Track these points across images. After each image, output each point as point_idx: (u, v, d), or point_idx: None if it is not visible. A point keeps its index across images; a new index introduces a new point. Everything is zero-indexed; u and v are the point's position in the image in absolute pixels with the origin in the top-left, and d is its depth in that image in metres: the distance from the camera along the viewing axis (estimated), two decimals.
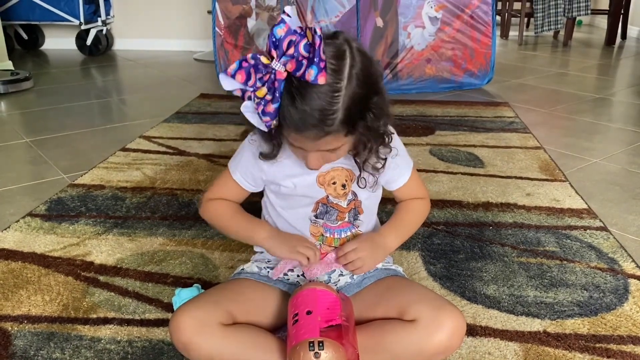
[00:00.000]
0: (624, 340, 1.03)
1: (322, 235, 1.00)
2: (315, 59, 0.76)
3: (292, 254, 0.95)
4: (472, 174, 1.79)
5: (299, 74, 0.77)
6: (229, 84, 0.80)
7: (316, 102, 0.78)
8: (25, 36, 4.08)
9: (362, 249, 0.96)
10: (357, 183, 0.97)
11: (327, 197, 0.98)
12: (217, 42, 2.89)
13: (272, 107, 0.79)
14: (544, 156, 1.95)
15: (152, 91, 2.99)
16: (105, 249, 1.34)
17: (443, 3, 2.81)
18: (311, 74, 0.76)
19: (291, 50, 0.77)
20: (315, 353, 0.79)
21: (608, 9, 4.50)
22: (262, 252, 1.08)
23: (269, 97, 0.79)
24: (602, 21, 5.08)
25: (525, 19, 4.75)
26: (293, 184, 0.97)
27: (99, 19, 3.91)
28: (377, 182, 0.99)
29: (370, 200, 1.03)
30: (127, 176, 1.76)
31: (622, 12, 4.52)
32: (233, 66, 0.78)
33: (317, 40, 0.76)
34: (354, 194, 0.99)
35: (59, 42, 4.16)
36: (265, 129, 0.83)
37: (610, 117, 2.54)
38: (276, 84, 0.78)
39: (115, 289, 1.18)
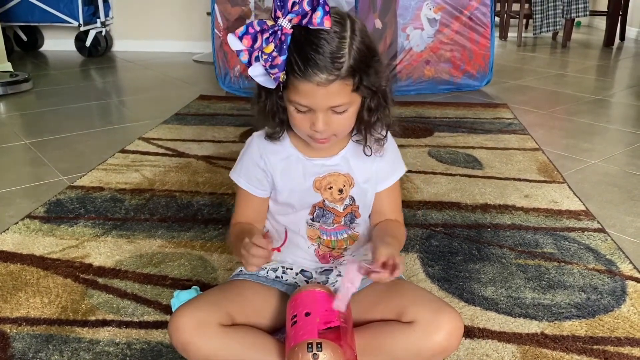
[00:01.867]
0: (622, 342, 1.03)
1: (319, 237, 1.01)
2: (320, 1, 0.80)
3: (245, 264, 0.87)
4: (470, 176, 1.80)
5: (304, 21, 0.81)
6: (236, 44, 0.84)
7: (326, 46, 0.82)
8: (24, 37, 4.09)
9: (396, 254, 0.89)
10: (364, 151, 0.97)
11: (324, 201, 0.98)
12: (216, 44, 2.89)
13: (279, 60, 0.82)
14: (542, 158, 1.95)
15: (151, 93, 2.99)
16: (104, 250, 1.34)
17: (442, 4, 2.81)
18: (317, 16, 0.80)
19: (296, 8, 0.81)
20: (313, 354, 0.79)
21: (607, 10, 4.51)
22: None
23: (275, 53, 0.82)
24: (601, 22, 5.09)
25: (524, 20, 4.76)
26: (289, 190, 0.97)
27: (98, 20, 3.91)
28: (382, 150, 0.98)
29: (367, 201, 1.02)
30: (126, 178, 1.77)
31: (621, 13, 4.52)
32: (241, 29, 0.83)
33: None
34: (352, 199, 0.99)
35: (58, 44, 4.17)
36: (274, 85, 0.85)
37: (609, 118, 2.54)
38: (283, 37, 0.82)
39: (114, 291, 1.19)
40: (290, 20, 0.81)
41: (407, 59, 2.87)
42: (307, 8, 0.81)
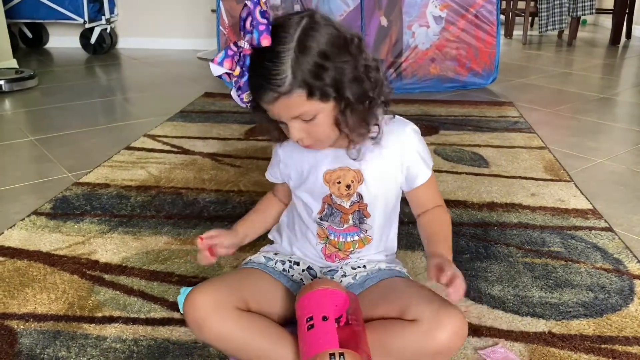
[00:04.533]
0: (630, 341, 1.03)
1: (327, 237, 1.01)
2: (254, 22, 0.81)
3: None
4: (476, 174, 1.79)
5: (253, 42, 0.82)
6: (216, 70, 0.85)
7: (265, 65, 0.82)
8: (29, 34, 4.09)
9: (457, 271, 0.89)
10: (347, 153, 0.94)
11: (331, 195, 0.98)
12: (221, 41, 2.89)
13: (241, 82, 0.85)
14: (548, 156, 1.95)
15: (156, 90, 2.99)
16: (110, 247, 1.35)
17: (447, 2, 2.80)
18: (254, 38, 0.81)
19: (250, 28, 0.82)
20: None
21: (613, 8, 4.48)
22: (274, 238, 1.10)
23: (240, 74, 0.85)
24: (607, 20, 5.07)
25: (530, 18, 4.74)
26: (299, 174, 1.01)
27: (103, 17, 3.91)
28: (361, 152, 0.94)
29: (378, 200, 1.00)
30: (131, 175, 1.77)
31: (627, 11, 4.50)
32: (220, 54, 0.84)
33: (251, 6, 0.81)
34: (359, 196, 0.99)
35: (63, 41, 4.17)
36: (243, 105, 0.88)
37: (615, 117, 2.53)
38: (243, 59, 0.84)
39: (121, 288, 1.19)
40: (247, 41, 0.83)
41: (413, 57, 2.86)
42: (260, 19, 0.81)
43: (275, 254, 1.07)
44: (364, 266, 1.03)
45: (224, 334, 0.88)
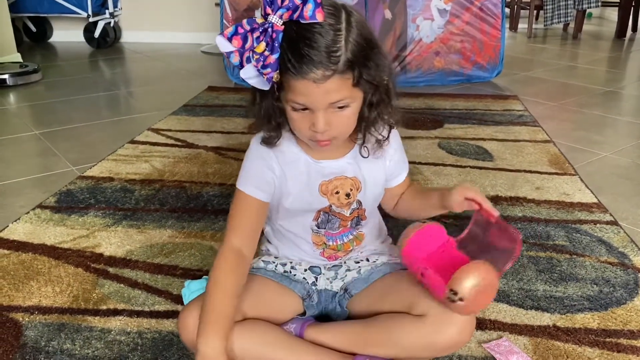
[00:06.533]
0: (635, 335, 1.02)
1: (325, 243, 1.00)
2: None
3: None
4: (481, 168, 1.78)
5: (295, 16, 0.77)
6: (225, 45, 0.80)
7: (320, 40, 0.78)
8: (33, 28, 4.09)
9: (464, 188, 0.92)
10: (360, 152, 0.93)
11: (330, 206, 0.96)
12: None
13: (272, 58, 0.78)
14: (553, 150, 1.94)
15: (159, 84, 2.99)
16: (114, 240, 1.35)
17: None
18: (309, 9, 0.76)
19: (286, 2, 0.77)
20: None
21: (619, 1, 4.45)
22: (268, 250, 1.08)
23: (267, 52, 0.78)
24: (613, 13, 5.04)
25: (535, 11, 4.71)
26: (295, 194, 0.94)
27: (106, 11, 3.91)
28: (382, 151, 0.95)
29: (376, 202, 1.02)
30: (135, 168, 1.77)
31: (633, 4, 4.47)
32: (230, 29, 0.79)
33: None
34: (359, 203, 0.98)
35: (67, 35, 4.17)
36: (267, 86, 0.81)
37: (620, 110, 2.52)
38: (274, 35, 0.78)
39: (125, 281, 1.19)
40: (281, 16, 0.77)
41: (417, 50, 2.85)
42: (297, 2, 0.76)
43: (276, 257, 1.05)
44: (367, 259, 1.03)
45: None
